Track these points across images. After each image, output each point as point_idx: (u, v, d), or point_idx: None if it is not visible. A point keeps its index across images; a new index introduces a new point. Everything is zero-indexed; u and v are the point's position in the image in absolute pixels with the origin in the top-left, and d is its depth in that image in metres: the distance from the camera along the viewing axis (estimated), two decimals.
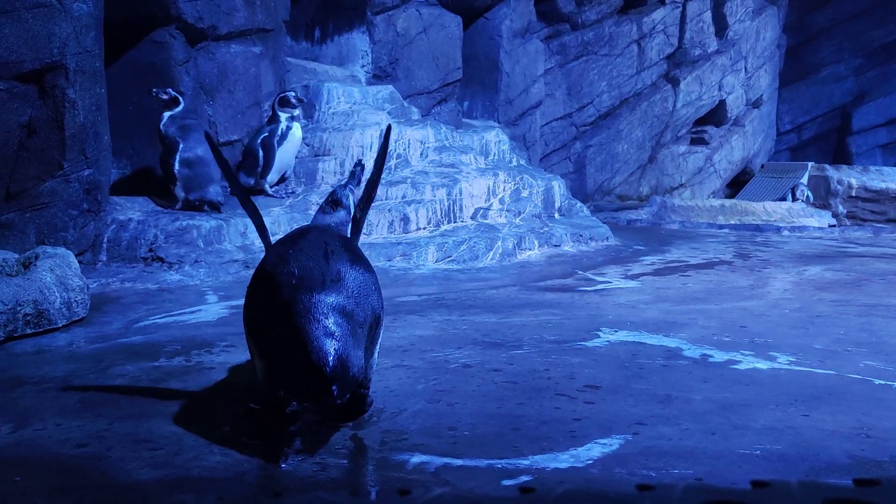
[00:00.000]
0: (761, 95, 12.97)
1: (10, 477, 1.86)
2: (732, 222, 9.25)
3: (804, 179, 11.25)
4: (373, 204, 5.98)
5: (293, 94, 5.80)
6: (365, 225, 2.30)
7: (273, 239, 2.36)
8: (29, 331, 3.17)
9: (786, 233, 8.17)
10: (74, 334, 3.25)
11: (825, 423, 2.28)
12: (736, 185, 12.76)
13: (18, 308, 3.14)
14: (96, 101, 4.39)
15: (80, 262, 3.91)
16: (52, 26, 4.10)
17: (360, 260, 2.18)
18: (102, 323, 3.46)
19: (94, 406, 2.35)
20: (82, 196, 4.38)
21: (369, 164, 2.52)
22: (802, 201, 10.74)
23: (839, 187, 11.27)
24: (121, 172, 5.38)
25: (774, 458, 2.01)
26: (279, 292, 1.97)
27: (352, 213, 2.39)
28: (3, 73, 3.96)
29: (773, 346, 3.20)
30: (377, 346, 2.20)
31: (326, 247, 2.10)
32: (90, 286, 3.76)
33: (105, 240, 4.58)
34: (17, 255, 3.66)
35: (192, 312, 3.68)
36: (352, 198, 2.47)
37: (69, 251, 3.77)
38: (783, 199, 10.97)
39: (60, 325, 3.31)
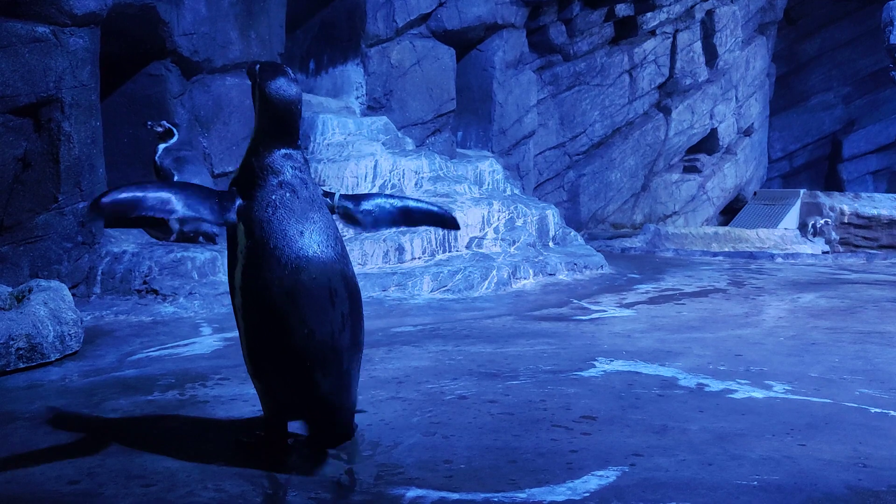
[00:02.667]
0: (752, 123, 13.10)
1: None
2: (726, 250, 9.29)
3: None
4: (368, 234, 5.90)
5: None
6: (359, 254, 2.33)
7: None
8: (22, 365, 3.15)
9: (779, 260, 8.20)
10: (67, 368, 3.23)
11: (822, 452, 2.27)
12: (729, 213, 12.82)
13: (11, 342, 3.12)
14: (92, 134, 4.41)
15: (73, 294, 3.90)
16: (49, 60, 4.13)
17: (358, 296, 2.24)
18: (96, 356, 3.44)
19: (86, 441, 2.33)
20: (77, 229, 4.38)
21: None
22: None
23: (831, 214, 11.33)
24: None
25: (772, 488, 2.00)
26: (294, 339, 2.08)
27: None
28: None
29: (768, 374, 3.19)
30: None
31: (331, 286, 2.14)
32: (84, 319, 3.74)
33: (99, 272, 4.57)
34: (10, 289, 3.65)
35: (187, 345, 3.66)
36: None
37: (63, 284, 3.76)
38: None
39: (54, 359, 3.29)
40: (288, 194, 2.16)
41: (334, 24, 7.44)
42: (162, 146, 5.16)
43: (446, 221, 2.56)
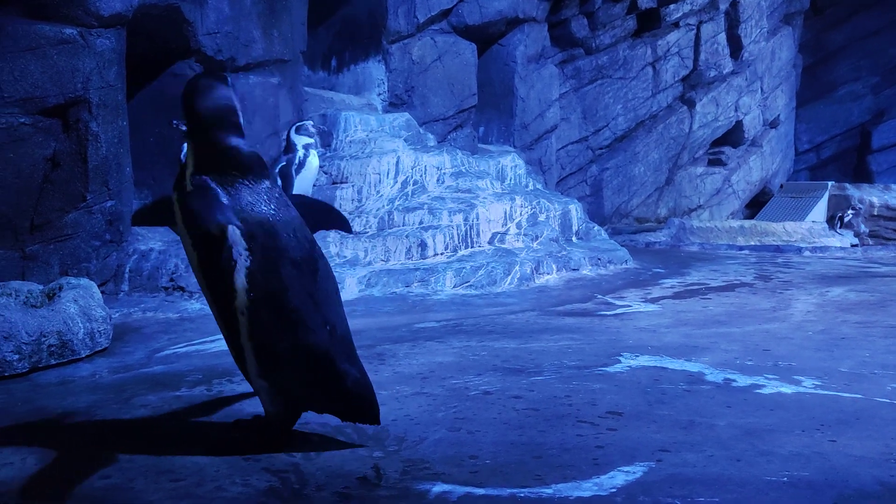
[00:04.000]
0: (778, 115, 12.93)
1: None
2: (752, 243, 9.18)
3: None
4: (391, 230, 5.96)
5: (311, 122, 5.87)
6: (382, 250, 2.36)
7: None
8: (53, 361, 3.20)
9: (807, 253, 8.09)
10: (97, 364, 3.28)
11: (853, 448, 2.24)
12: (755, 206, 12.68)
13: (43, 339, 3.17)
14: (118, 134, 4.47)
15: (102, 292, 3.95)
16: (76, 62, 4.19)
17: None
18: (125, 353, 3.49)
19: (117, 437, 2.37)
20: (105, 227, 4.43)
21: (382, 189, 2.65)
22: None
23: (860, 206, 11.16)
24: (142, 203, 5.45)
25: (802, 485, 1.98)
26: (316, 336, 2.15)
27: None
28: (28, 107, 4.04)
29: (797, 369, 3.16)
30: None
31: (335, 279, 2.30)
32: (112, 316, 3.79)
33: (127, 270, 4.63)
34: (41, 287, 3.71)
35: (213, 341, 3.70)
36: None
37: (92, 282, 3.81)
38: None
39: (84, 356, 3.34)
40: (269, 191, 2.21)
41: (356, 21, 7.46)
42: (187, 145, 5.20)
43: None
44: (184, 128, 5.20)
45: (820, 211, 11.66)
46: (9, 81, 3.97)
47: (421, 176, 6.34)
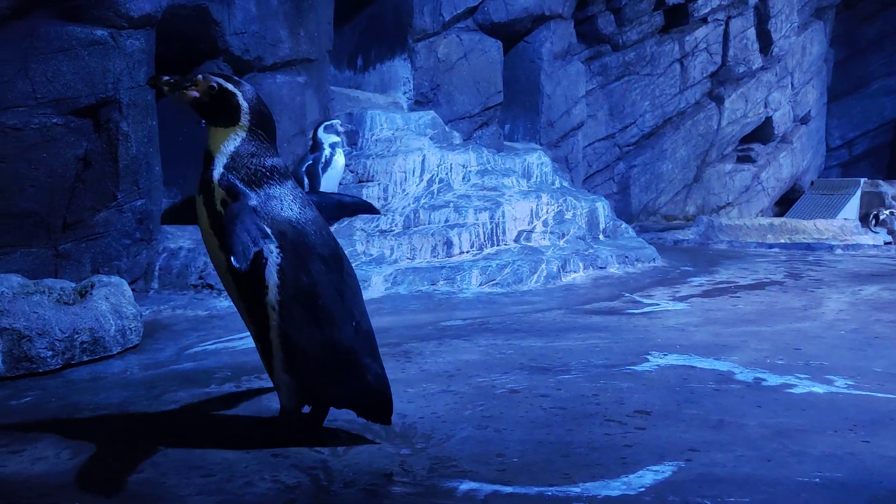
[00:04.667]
0: (809, 111, 12.74)
1: (70, 502, 1.90)
2: (782, 241, 9.06)
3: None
4: (416, 228, 5.98)
5: (338, 122, 5.89)
6: (408, 249, 2.37)
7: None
8: (85, 358, 3.25)
9: (839, 251, 7.96)
10: (128, 361, 3.32)
11: (887, 449, 2.20)
12: (785, 203, 12.51)
13: (76, 336, 3.22)
14: (148, 134, 4.52)
15: (133, 289, 4.00)
16: (107, 62, 4.25)
17: None
18: (155, 350, 3.53)
19: (148, 432, 2.40)
20: (135, 225, 4.49)
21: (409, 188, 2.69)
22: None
23: (894, 203, 10.96)
24: (171, 201, 5.52)
25: (835, 486, 1.95)
26: (342, 332, 2.19)
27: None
28: (61, 108, 4.11)
29: (829, 368, 3.11)
30: None
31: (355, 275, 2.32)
32: (143, 313, 3.84)
33: (157, 268, 4.68)
34: (73, 284, 3.77)
35: (241, 338, 3.73)
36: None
37: (123, 280, 3.86)
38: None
39: (115, 353, 3.39)
40: (293, 190, 2.24)
41: (381, 20, 7.48)
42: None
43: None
44: None
45: (852, 208, 11.46)
46: (42, 82, 4.04)
47: (447, 174, 6.34)
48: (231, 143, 2.24)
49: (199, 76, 2.29)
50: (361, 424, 2.39)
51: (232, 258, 1.99)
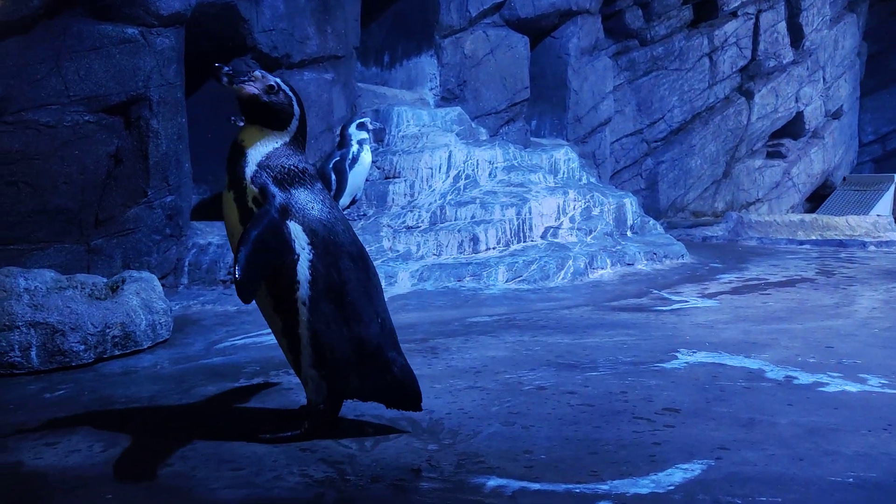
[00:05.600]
0: (841, 106, 12.52)
1: (103, 494, 1.93)
2: (813, 238, 8.92)
3: None
4: (443, 224, 5.97)
5: (369, 119, 5.91)
6: (434, 245, 2.39)
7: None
8: (117, 352, 3.30)
9: (872, 248, 7.82)
10: (159, 355, 3.37)
11: None
12: (816, 199, 12.31)
13: (107, 330, 3.27)
14: (178, 131, 4.57)
15: (163, 285, 4.05)
16: (138, 61, 4.30)
17: None
18: (185, 344, 3.57)
19: (178, 426, 2.43)
20: (165, 221, 4.55)
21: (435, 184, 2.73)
22: None
23: None
24: (200, 198, 5.57)
25: (869, 486, 1.92)
26: (369, 328, 2.22)
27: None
28: (93, 105, 4.17)
29: (862, 367, 3.06)
30: None
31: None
32: (172, 308, 3.89)
33: (186, 263, 4.74)
34: (105, 279, 3.82)
35: (270, 334, 3.73)
36: None
37: (153, 275, 3.91)
38: None
39: (146, 347, 3.43)
40: (322, 191, 2.29)
41: (408, 17, 7.48)
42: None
43: None
44: (241, 124, 5.31)
45: (885, 204, 11.25)
46: (74, 80, 4.10)
47: (473, 170, 6.33)
48: (270, 144, 2.25)
49: (257, 72, 2.31)
50: (388, 419, 2.40)
51: (236, 268, 2.03)
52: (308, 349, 2.20)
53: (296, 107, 2.30)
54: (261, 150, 2.24)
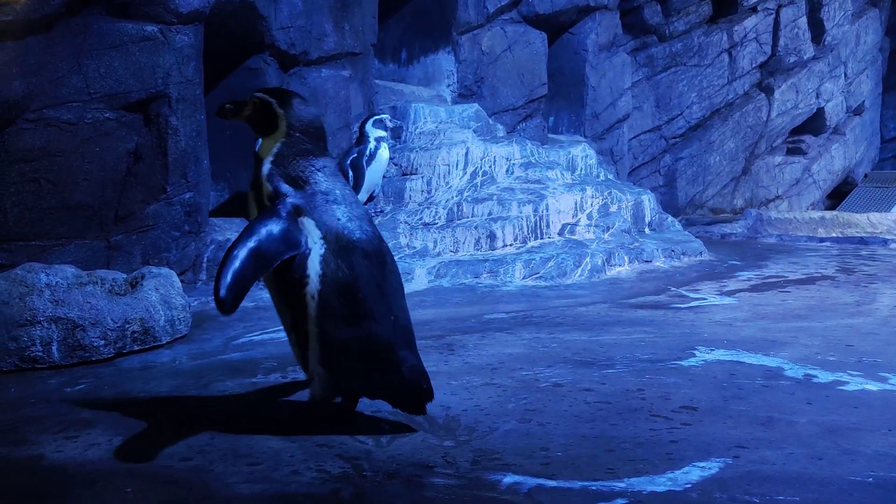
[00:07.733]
0: (863, 102, 12.37)
1: (122, 488, 1.95)
2: (834, 235, 8.82)
3: None
4: (460, 221, 5.98)
5: (387, 117, 5.91)
6: (451, 241, 2.39)
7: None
8: (136, 347, 3.34)
9: (893, 245, 7.72)
10: (177, 351, 3.40)
11: None
12: (837, 197, 12.18)
13: (127, 326, 3.31)
14: (197, 128, 4.60)
15: (181, 281, 4.08)
16: (157, 58, 4.33)
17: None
18: (203, 340, 3.60)
19: (197, 421, 2.45)
20: (184, 218, 4.58)
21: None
22: None
23: None
24: (219, 195, 5.61)
25: (889, 486, 1.90)
26: (380, 326, 2.21)
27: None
28: (113, 103, 4.21)
29: (883, 366, 3.02)
30: None
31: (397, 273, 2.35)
32: (191, 304, 3.92)
33: (205, 260, 4.77)
34: (124, 275, 3.86)
35: None
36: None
37: (172, 271, 3.94)
38: None
39: (164, 342, 3.46)
40: (343, 187, 2.32)
41: (425, 13, 7.48)
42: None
43: None
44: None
45: None
46: (95, 78, 4.14)
47: (490, 167, 6.32)
48: (275, 146, 2.35)
49: (249, 96, 2.45)
50: (405, 415, 2.41)
51: (220, 284, 2.09)
52: (316, 345, 2.21)
53: (277, 107, 2.37)
54: (271, 152, 2.35)
